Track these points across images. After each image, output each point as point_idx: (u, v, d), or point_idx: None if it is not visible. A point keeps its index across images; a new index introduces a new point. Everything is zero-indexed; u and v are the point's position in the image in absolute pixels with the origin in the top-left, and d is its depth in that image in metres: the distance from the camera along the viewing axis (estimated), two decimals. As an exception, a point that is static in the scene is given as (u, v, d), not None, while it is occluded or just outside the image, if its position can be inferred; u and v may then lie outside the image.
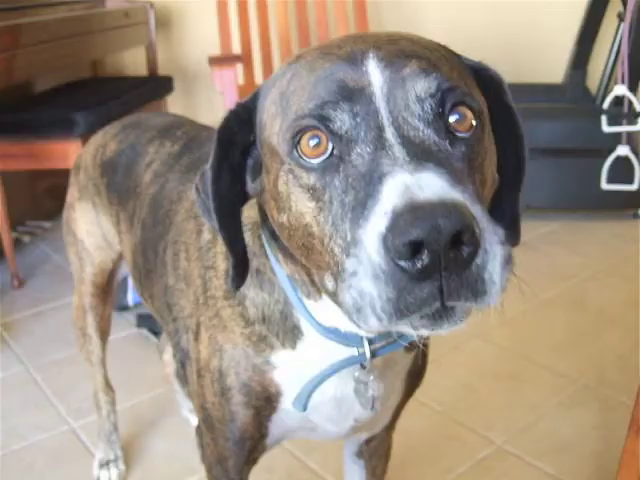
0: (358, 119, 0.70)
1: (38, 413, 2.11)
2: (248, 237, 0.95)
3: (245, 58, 3.36)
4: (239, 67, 3.22)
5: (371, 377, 0.96)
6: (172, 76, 3.55)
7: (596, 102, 3.33)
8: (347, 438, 1.22)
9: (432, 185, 0.63)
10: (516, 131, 0.87)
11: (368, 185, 0.66)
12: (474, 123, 0.74)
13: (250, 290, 0.97)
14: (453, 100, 0.73)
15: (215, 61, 2.64)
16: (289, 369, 0.99)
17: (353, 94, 0.71)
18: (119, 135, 1.50)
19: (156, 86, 3.41)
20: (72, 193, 1.59)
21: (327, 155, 0.71)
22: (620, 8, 3.23)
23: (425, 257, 0.60)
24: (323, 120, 0.71)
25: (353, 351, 0.94)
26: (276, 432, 1.07)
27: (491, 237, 0.63)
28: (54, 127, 2.60)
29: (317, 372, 0.97)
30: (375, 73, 0.72)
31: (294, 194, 0.74)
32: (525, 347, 2.36)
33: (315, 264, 0.77)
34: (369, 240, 0.63)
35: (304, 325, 0.95)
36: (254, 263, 0.95)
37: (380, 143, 0.68)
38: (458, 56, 0.85)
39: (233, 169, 0.84)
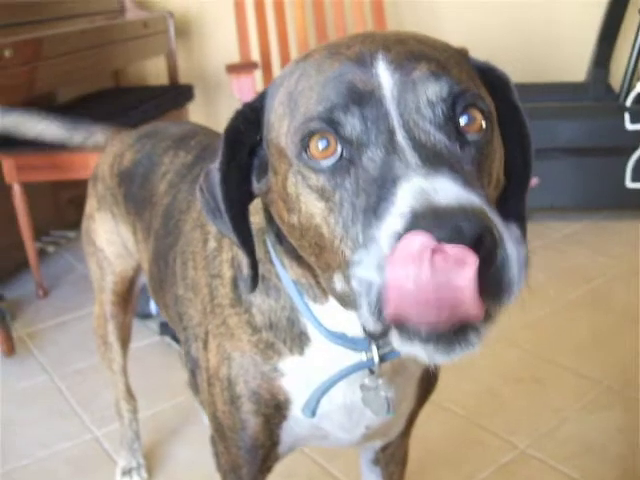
0: (368, 123, 0.70)
1: (62, 422, 2.13)
2: None
3: (264, 64, 3.37)
4: (258, 73, 3.24)
5: (380, 381, 0.96)
6: (193, 84, 3.57)
7: (619, 100, 3.29)
8: (361, 445, 1.22)
9: (449, 190, 0.63)
10: (523, 131, 0.86)
11: (381, 188, 0.66)
12: (484, 125, 0.74)
13: (256, 297, 0.97)
14: (464, 103, 0.72)
15: (233, 69, 2.65)
16: (297, 376, 0.99)
17: (363, 97, 0.70)
18: (136, 145, 1.51)
19: (177, 95, 3.43)
20: (91, 203, 1.61)
21: (337, 157, 0.71)
22: (641, 4, 3.20)
23: None
24: (333, 124, 0.71)
25: (361, 356, 0.94)
26: (287, 440, 1.07)
27: (509, 239, 0.63)
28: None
29: (326, 378, 0.97)
30: (385, 75, 0.72)
31: (303, 195, 0.74)
32: (549, 349, 2.33)
33: (326, 264, 0.76)
34: (383, 239, 0.63)
35: (311, 331, 0.95)
36: (259, 269, 0.95)
37: (391, 147, 0.68)
38: (466, 56, 0.84)
39: (240, 169, 0.84)
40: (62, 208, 3.36)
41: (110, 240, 1.56)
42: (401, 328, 0.65)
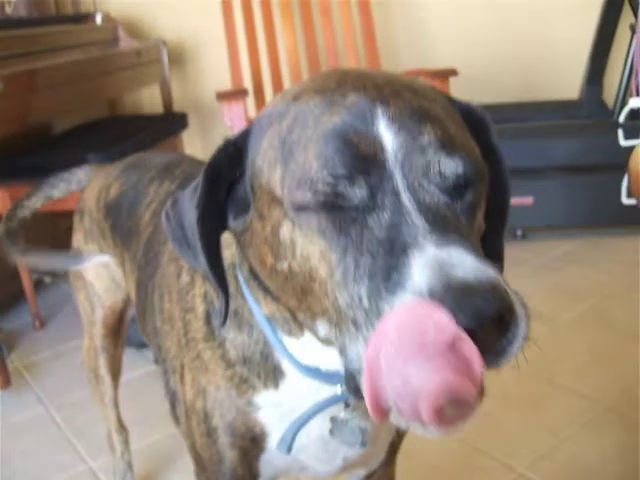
0: (374, 190, 0.70)
1: (57, 453, 2.12)
2: None
3: (256, 90, 3.38)
4: (250, 100, 3.25)
5: (354, 414, 0.96)
6: (187, 112, 3.59)
7: (613, 116, 3.29)
8: (342, 475, 1.21)
9: (464, 262, 0.63)
10: (500, 172, 0.87)
11: (389, 254, 0.66)
12: (480, 184, 0.76)
13: (229, 332, 0.97)
14: (474, 179, 0.73)
15: (223, 96, 2.67)
16: (273, 409, 0.98)
17: (368, 163, 0.70)
18: (121, 177, 1.51)
19: (171, 123, 3.45)
20: (77, 238, 1.61)
21: (339, 207, 0.71)
22: (632, 20, 3.20)
23: None
24: (337, 196, 0.70)
25: (336, 389, 0.94)
26: (267, 472, 1.06)
27: (521, 312, 0.64)
28: (68, 168, 2.63)
29: (301, 411, 0.97)
30: (388, 135, 0.71)
31: (300, 242, 0.73)
32: (546, 370, 2.31)
33: (309, 307, 0.77)
34: None
35: (285, 365, 0.95)
36: (232, 304, 0.94)
37: (397, 209, 0.68)
38: (451, 100, 0.85)
39: (215, 204, 0.83)
40: (59, 238, 3.34)
41: (99, 274, 1.55)
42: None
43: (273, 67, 3.46)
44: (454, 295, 0.60)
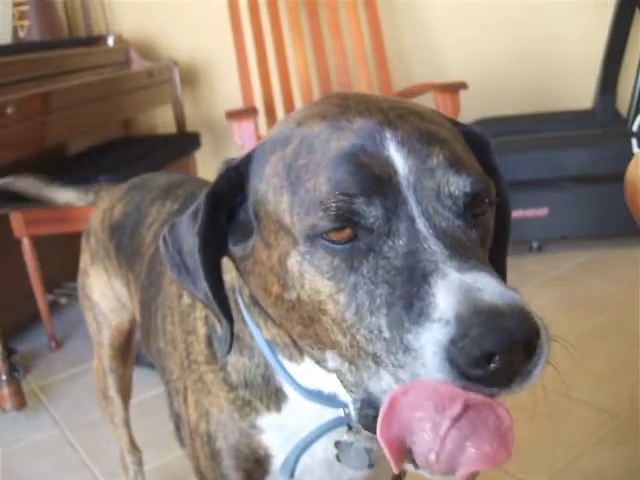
0: (389, 213, 0.69)
1: (72, 475, 2.12)
2: None
3: (267, 109, 3.40)
4: (262, 118, 3.26)
5: (358, 436, 0.95)
6: (199, 132, 3.60)
7: (627, 125, 3.27)
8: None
9: (490, 286, 0.63)
10: (501, 192, 0.86)
11: (408, 282, 0.65)
12: (488, 205, 0.76)
13: (231, 356, 0.97)
14: (482, 196, 0.73)
15: (232, 115, 2.68)
16: (276, 432, 0.98)
17: (383, 185, 0.69)
18: (125, 198, 1.52)
19: (183, 143, 3.46)
20: (84, 259, 1.62)
21: (352, 237, 0.70)
22: (644, 28, 3.19)
23: (497, 364, 0.60)
24: (352, 214, 0.69)
25: (339, 412, 0.94)
26: None
27: (545, 335, 0.64)
28: (81, 190, 2.66)
29: (304, 434, 0.96)
30: (398, 159, 0.71)
31: (310, 274, 0.72)
32: (563, 383, 2.27)
33: (317, 336, 0.76)
34: (428, 352, 0.61)
35: (287, 388, 0.94)
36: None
37: (413, 235, 0.68)
38: (454, 123, 0.85)
39: (216, 231, 0.82)
40: (73, 259, 3.37)
41: (104, 294, 1.56)
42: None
43: (284, 85, 3.47)
44: (483, 319, 0.60)
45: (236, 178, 0.81)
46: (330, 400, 0.92)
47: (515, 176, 3.22)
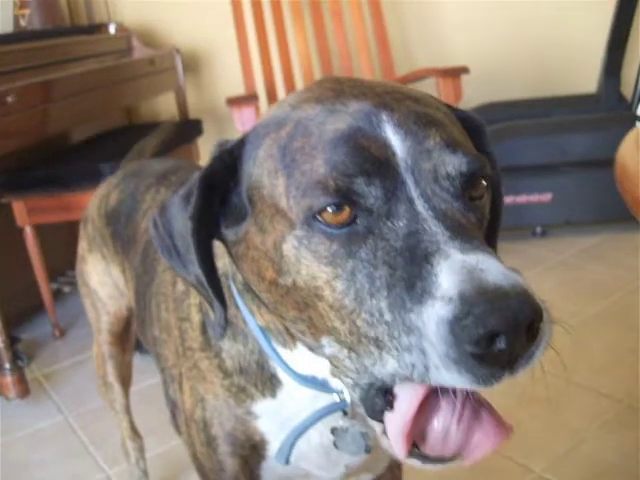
0: (389, 194, 0.68)
1: (75, 462, 2.13)
2: None
3: (269, 95, 3.38)
4: (264, 104, 3.25)
5: (353, 422, 0.95)
6: (202, 119, 3.59)
7: (632, 109, 3.24)
8: (348, 480, 1.20)
9: (493, 267, 0.62)
10: (494, 177, 0.86)
11: (410, 263, 0.64)
12: (485, 188, 0.76)
13: (225, 342, 0.96)
14: (478, 175, 0.73)
15: (234, 101, 2.67)
16: (272, 418, 0.98)
17: (381, 167, 0.69)
18: (121, 184, 1.52)
19: (185, 130, 3.45)
20: (82, 245, 1.62)
21: (350, 223, 0.69)
22: (648, 12, 3.16)
23: (501, 345, 0.59)
24: (352, 194, 0.68)
25: (334, 397, 0.93)
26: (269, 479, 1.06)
27: (547, 317, 0.64)
28: (82, 179, 2.66)
29: (300, 419, 0.96)
30: (396, 140, 0.70)
31: (306, 259, 0.71)
32: (566, 368, 2.26)
33: (311, 321, 0.75)
34: (432, 327, 0.61)
35: (281, 374, 0.94)
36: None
37: (413, 216, 0.67)
38: (450, 108, 0.85)
39: (208, 214, 0.81)
40: (77, 248, 3.39)
41: (102, 281, 1.56)
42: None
43: (286, 71, 3.46)
44: (487, 298, 0.59)
45: (230, 161, 0.80)
46: (324, 386, 0.92)
47: (519, 161, 3.21)
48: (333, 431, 0.97)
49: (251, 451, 1.01)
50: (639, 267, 2.92)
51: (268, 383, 0.95)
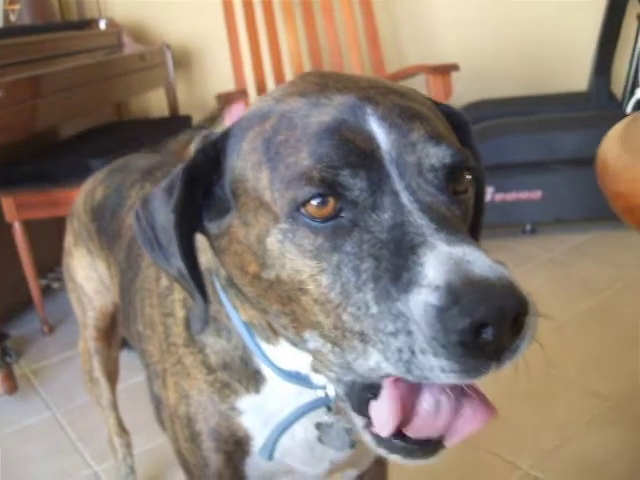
0: (374, 186, 0.68)
1: (62, 458, 2.13)
2: None
3: (259, 91, 3.38)
4: (253, 100, 3.25)
5: (338, 417, 0.95)
6: (192, 115, 3.58)
7: (622, 107, 3.25)
8: (331, 476, 1.20)
9: (480, 259, 0.62)
10: (478, 172, 0.86)
11: (395, 255, 0.64)
12: (470, 182, 0.76)
13: (208, 338, 0.96)
14: (462, 167, 0.73)
15: (221, 97, 2.67)
16: (256, 413, 0.98)
17: (366, 159, 0.69)
18: (106, 180, 1.51)
19: (175, 126, 3.43)
20: (68, 240, 1.62)
21: (335, 216, 0.69)
22: (638, 10, 3.16)
23: (487, 335, 0.59)
24: (337, 186, 0.68)
25: (318, 393, 0.93)
26: (254, 475, 1.05)
27: (533, 310, 0.64)
28: (72, 174, 2.64)
29: (284, 415, 0.96)
30: (380, 133, 0.70)
31: (291, 253, 0.71)
32: (555, 365, 2.28)
33: (293, 316, 0.75)
34: (419, 311, 0.61)
35: (265, 370, 0.94)
36: (209, 310, 0.93)
37: (398, 209, 0.67)
38: (435, 103, 0.85)
39: (191, 207, 0.80)
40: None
41: (88, 276, 1.56)
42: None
43: (276, 68, 3.46)
44: (474, 289, 0.59)
45: (213, 154, 0.79)
46: (308, 382, 0.92)
47: (509, 158, 3.21)
48: (318, 426, 0.97)
49: (235, 447, 1.00)
50: (628, 265, 2.93)
51: (252, 379, 0.95)
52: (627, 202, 0.80)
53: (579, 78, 3.62)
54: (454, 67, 2.82)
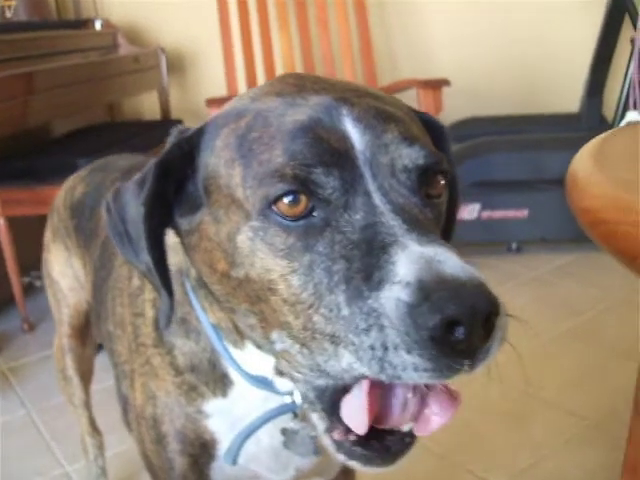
0: (347, 186, 0.68)
1: (36, 457, 2.11)
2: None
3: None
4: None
5: (304, 424, 0.94)
6: (183, 119, 3.58)
7: (613, 129, 3.26)
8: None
9: (451, 259, 0.62)
10: (452, 181, 0.86)
11: (367, 255, 0.64)
12: (444, 187, 0.76)
13: (177, 339, 0.95)
14: (435, 169, 0.73)
15: (213, 102, 2.67)
16: (223, 417, 0.97)
17: (340, 157, 0.69)
18: (87, 178, 1.51)
19: (166, 130, 3.42)
20: (47, 235, 1.62)
21: (307, 216, 0.69)
22: (632, 33, 3.18)
23: (459, 334, 0.59)
24: (309, 184, 0.68)
25: (285, 399, 0.93)
26: None
27: (504, 312, 0.64)
28: (59, 173, 2.63)
29: (250, 420, 0.95)
30: (355, 134, 0.70)
31: (262, 251, 0.70)
32: (533, 384, 2.27)
33: (261, 316, 0.74)
34: (390, 307, 0.61)
35: (233, 374, 0.93)
36: (179, 312, 0.93)
37: (370, 210, 0.67)
38: (413, 111, 0.85)
39: (162, 201, 0.80)
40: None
41: (63, 272, 1.55)
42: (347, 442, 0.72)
43: (269, 74, 3.46)
44: (446, 286, 0.59)
45: (187, 149, 0.79)
46: (274, 387, 0.91)
47: (497, 176, 3.22)
48: (283, 432, 0.96)
49: (201, 450, 1.00)
50: (611, 287, 2.94)
51: (219, 382, 0.94)
52: (593, 217, 0.80)
53: (571, 99, 3.63)
54: (445, 82, 2.83)
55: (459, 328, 0.59)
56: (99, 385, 1.93)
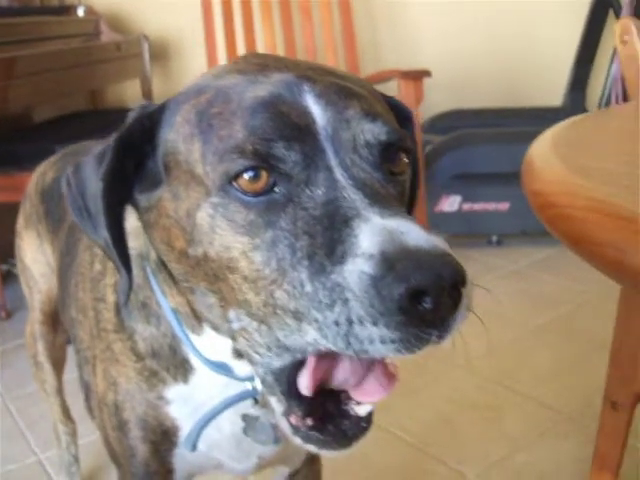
0: (308, 160, 0.68)
1: (9, 444, 2.10)
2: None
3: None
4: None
5: (264, 410, 0.94)
6: (164, 108, 3.57)
7: (595, 124, 3.27)
8: (265, 473, 1.19)
9: (414, 232, 0.61)
10: (414, 164, 0.86)
11: (329, 229, 0.64)
12: (406, 165, 0.76)
13: (138, 324, 0.94)
14: (397, 145, 0.73)
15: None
16: (184, 404, 0.96)
17: (301, 132, 0.68)
18: (58, 163, 1.50)
19: (148, 117, 3.42)
20: (20, 221, 1.60)
21: (269, 191, 0.68)
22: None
23: (427, 304, 0.59)
24: (270, 158, 0.67)
25: (246, 385, 0.92)
26: (181, 468, 1.04)
27: (470, 282, 0.63)
28: (37, 159, 2.60)
29: (211, 407, 0.95)
30: (316, 109, 0.70)
31: (221, 228, 0.69)
32: (509, 377, 2.28)
33: (220, 295, 0.74)
34: (353, 280, 0.60)
35: (193, 359, 0.92)
36: (139, 296, 0.93)
37: (331, 185, 0.66)
38: (382, 95, 0.85)
39: (120, 176, 0.78)
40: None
41: (35, 258, 1.54)
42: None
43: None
44: (410, 256, 0.59)
45: (148, 125, 0.78)
46: (234, 373, 0.91)
47: (478, 169, 3.22)
48: (244, 418, 0.96)
49: (162, 437, 0.99)
50: (590, 281, 2.94)
51: (180, 368, 0.94)
52: (543, 200, 0.81)
53: (554, 93, 3.64)
54: (426, 73, 2.83)
55: (426, 298, 0.58)
56: (73, 374, 1.91)
